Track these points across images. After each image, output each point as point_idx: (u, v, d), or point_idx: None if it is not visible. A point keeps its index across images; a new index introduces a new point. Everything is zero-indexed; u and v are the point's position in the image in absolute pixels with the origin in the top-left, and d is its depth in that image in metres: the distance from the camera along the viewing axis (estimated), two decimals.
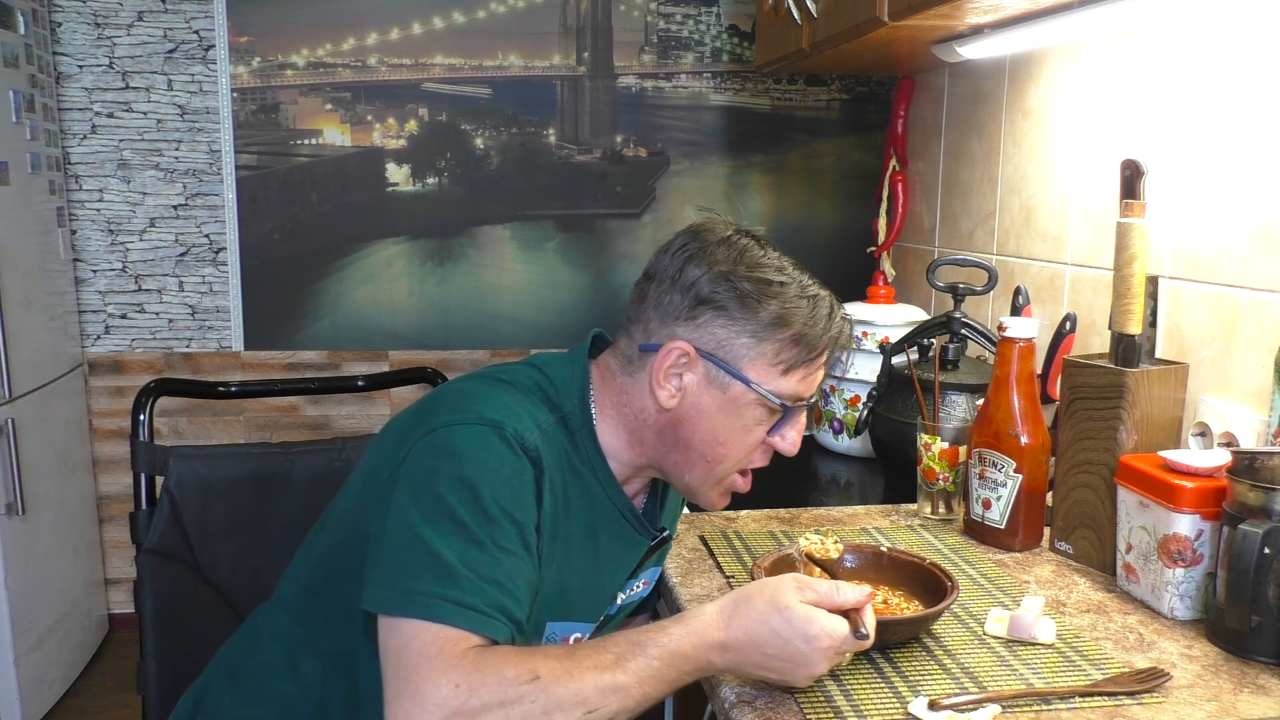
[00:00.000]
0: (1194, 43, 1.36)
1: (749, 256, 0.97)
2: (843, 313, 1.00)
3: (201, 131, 2.73)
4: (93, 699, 2.55)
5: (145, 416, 1.31)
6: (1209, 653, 0.99)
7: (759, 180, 2.91)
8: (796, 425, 1.00)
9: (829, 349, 0.98)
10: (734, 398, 0.96)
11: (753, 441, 0.99)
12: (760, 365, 0.96)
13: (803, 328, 0.96)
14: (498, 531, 0.86)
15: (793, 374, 0.97)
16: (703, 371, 0.96)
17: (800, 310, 0.96)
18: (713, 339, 0.96)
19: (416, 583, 0.82)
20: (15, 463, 2.25)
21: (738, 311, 0.95)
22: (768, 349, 0.96)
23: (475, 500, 0.86)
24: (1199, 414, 1.29)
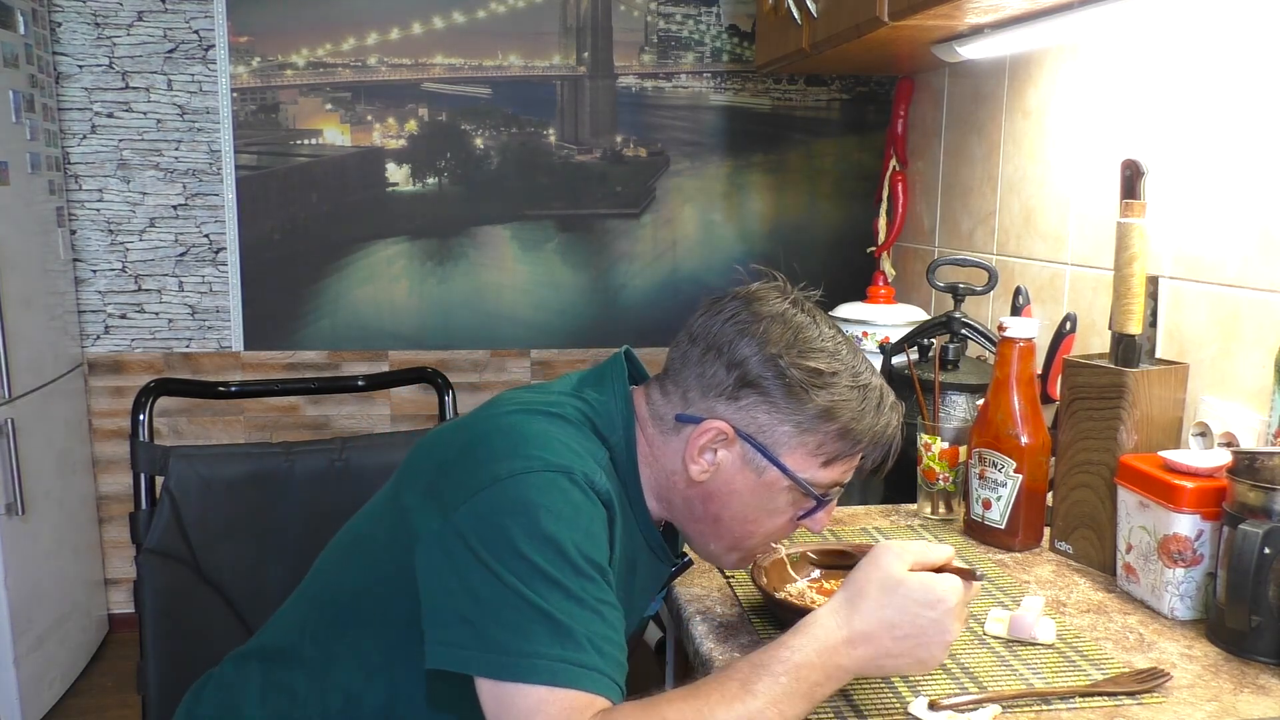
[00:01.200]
0: (1194, 43, 1.36)
1: (802, 338, 0.93)
2: (892, 400, 0.96)
3: (201, 131, 2.73)
4: (93, 699, 2.55)
5: (145, 416, 1.31)
6: (1209, 653, 0.99)
7: (759, 180, 2.92)
8: (828, 511, 0.98)
9: (874, 441, 0.95)
10: (769, 482, 0.93)
11: (782, 522, 0.96)
12: (800, 455, 0.92)
13: (849, 422, 0.92)
14: (591, 586, 0.82)
15: (833, 466, 0.94)
16: (739, 452, 0.93)
17: (849, 404, 0.92)
18: (754, 422, 0.92)
19: (532, 645, 0.78)
20: (15, 463, 2.25)
21: (783, 400, 0.91)
22: (810, 440, 0.92)
23: (563, 556, 0.81)
24: (1199, 414, 1.29)
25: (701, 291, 3.40)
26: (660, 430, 0.96)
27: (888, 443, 0.96)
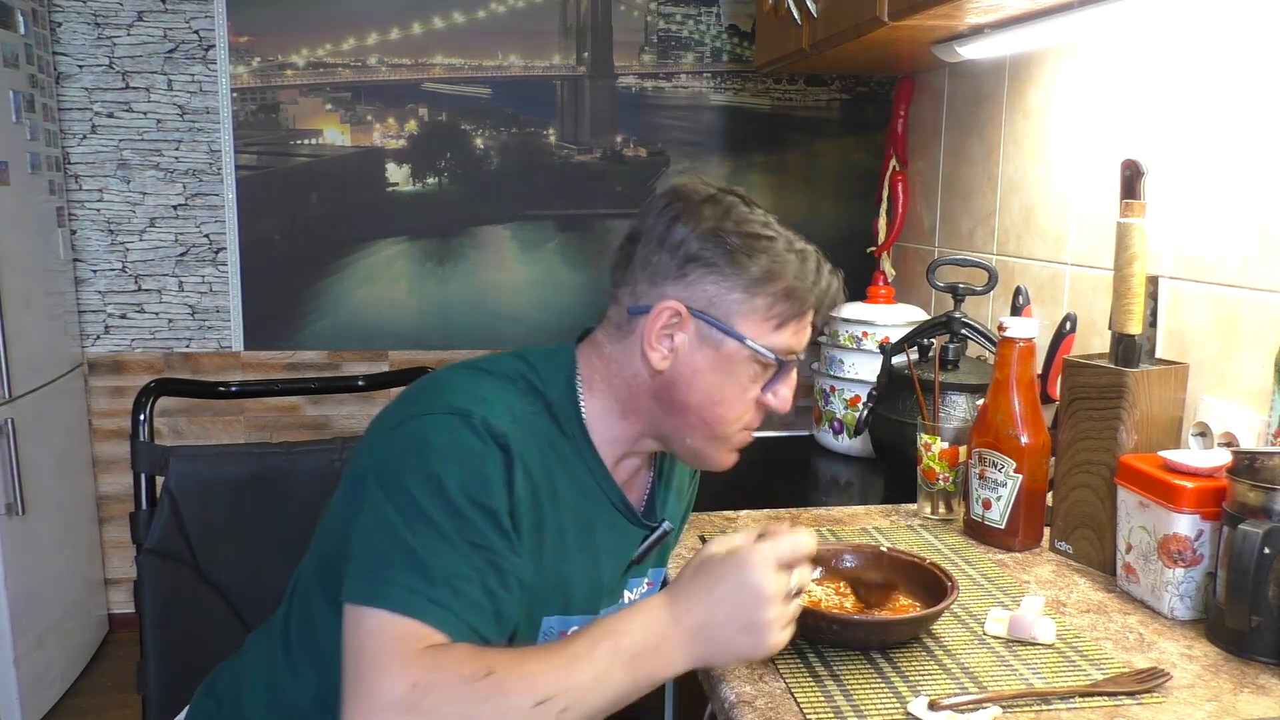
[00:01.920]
0: (1194, 43, 1.36)
1: (736, 213, 0.96)
2: (829, 267, 0.99)
3: (201, 131, 2.73)
4: (93, 699, 2.55)
5: (145, 416, 1.31)
6: (1209, 653, 0.99)
7: (759, 180, 2.91)
8: (789, 382, 0.99)
9: (819, 303, 0.97)
10: (728, 355, 0.95)
11: (749, 399, 0.98)
12: (753, 320, 0.95)
13: (793, 281, 0.95)
14: (466, 527, 0.85)
15: (785, 328, 0.96)
16: (695, 330, 0.95)
17: (790, 264, 0.95)
18: (704, 296, 0.95)
19: (389, 573, 0.82)
20: (15, 463, 2.25)
21: (728, 267, 0.94)
22: (759, 304, 0.94)
23: (443, 496, 0.85)
24: (1199, 414, 1.29)
25: None
26: (618, 339, 0.99)
27: (831, 302, 0.98)
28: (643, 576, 1.09)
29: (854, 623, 0.97)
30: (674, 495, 1.12)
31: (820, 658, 0.96)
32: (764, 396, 0.98)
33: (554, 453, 0.95)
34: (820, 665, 0.95)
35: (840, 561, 1.12)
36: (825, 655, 0.96)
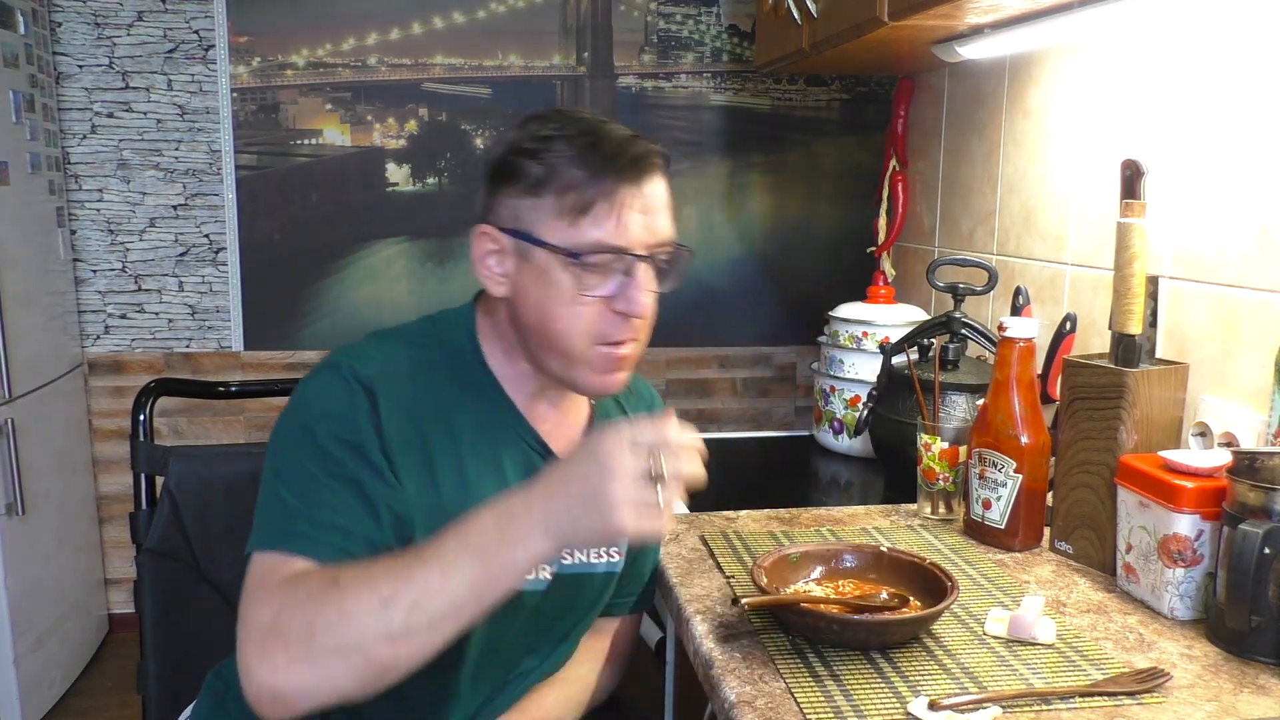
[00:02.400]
0: (1194, 42, 1.36)
1: (534, 121, 0.96)
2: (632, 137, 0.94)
3: (201, 131, 2.73)
4: (93, 699, 2.55)
5: (145, 416, 1.31)
6: (1209, 653, 0.99)
7: (759, 180, 2.91)
8: (628, 281, 0.93)
9: (616, 180, 0.92)
10: (541, 266, 0.94)
11: (586, 312, 0.94)
12: (548, 223, 0.93)
13: (574, 170, 0.92)
14: (332, 464, 0.90)
15: (583, 221, 0.92)
16: (512, 249, 0.96)
17: (566, 155, 0.92)
18: (508, 213, 0.96)
19: (261, 523, 0.89)
20: (15, 463, 2.25)
21: (514, 177, 0.94)
22: (547, 204, 0.93)
23: (312, 442, 0.91)
24: (1199, 414, 1.29)
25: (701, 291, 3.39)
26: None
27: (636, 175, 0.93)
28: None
29: (854, 623, 0.97)
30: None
31: (820, 658, 0.96)
32: (614, 305, 0.95)
33: (452, 392, 0.98)
34: (820, 665, 0.95)
35: (840, 561, 1.12)
36: (825, 655, 0.96)
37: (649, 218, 0.95)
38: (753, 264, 2.94)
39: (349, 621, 0.78)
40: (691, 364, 2.98)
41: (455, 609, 0.80)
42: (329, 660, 0.79)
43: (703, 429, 3.16)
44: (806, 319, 2.89)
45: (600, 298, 0.94)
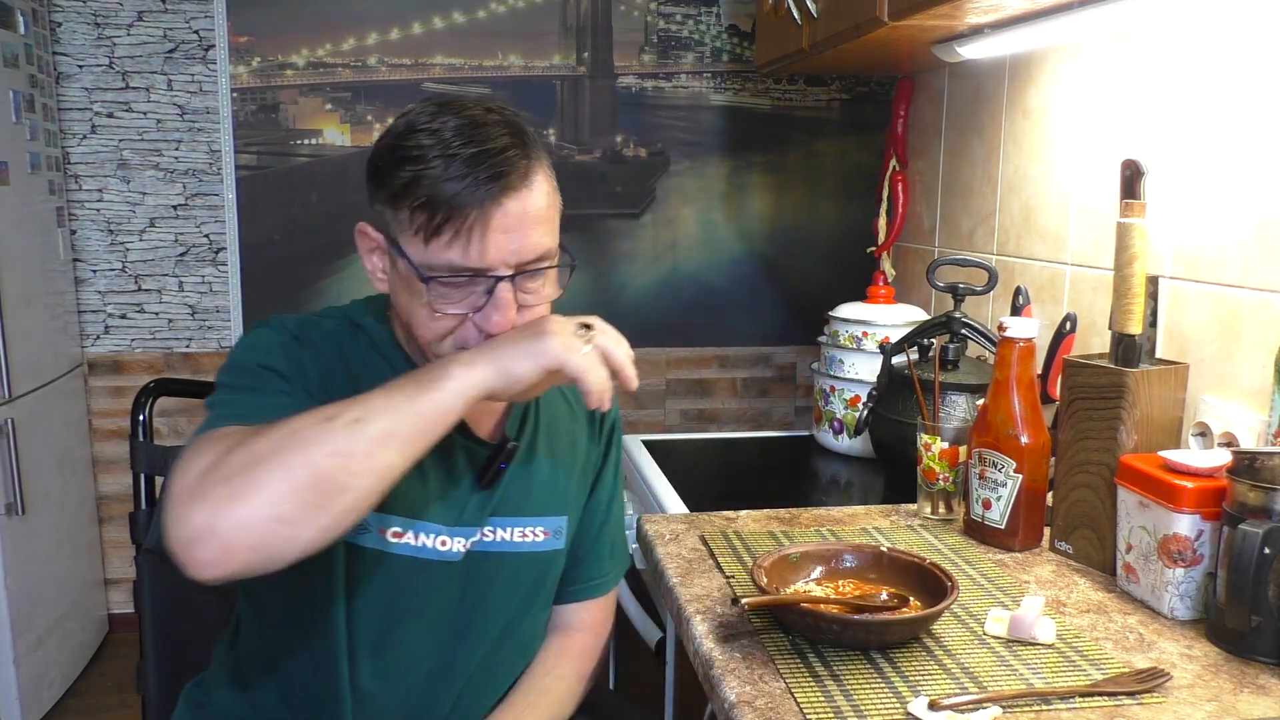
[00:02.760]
0: (1194, 42, 1.36)
1: (413, 122, 0.93)
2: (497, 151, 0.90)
3: (201, 131, 2.73)
4: (93, 699, 2.55)
5: (145, 416, 1.31)
6: (1209, 653, 0.99)
7: (759, 180, 2.92)
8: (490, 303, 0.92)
9: (469, 201, 0.89)
10: (404, 273, 0.94)
11: (445, 323, 0.94)
12: (405, 235, 0.92)
13: (431, 189, 0.89)
14: (251, 377, 0.96)
15: (435, 241, 0.90)
16: (385, 249, 0.98)
17: (430, 171, 0.89)
18: (380, 215, 0.96)
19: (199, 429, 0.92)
20: (15, 463, 2.25)
21: (382, 182, 0.93)
22: (403, 217, 0.91)
23: (235, 367, 0.98)
24: (1199, 414, 1.29)
25: (701, 291, 3.38)
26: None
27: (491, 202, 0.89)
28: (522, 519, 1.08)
29: (854, 623, 0.97)
30: (542, 430, 1.11)
31: (820, 658, 0.96)
32: (474, 317, 0.94)
33: (362, 364, 1.01)
34: (820, 665, 0.95)
35: (840, 561, 1.12)
36: (825, 655, 0.96)
37: (511, 236, 0.91)
38: (753, 264, 2.94)
39: (294, 436, 0.81)
40: (691, 364, 2.98)
41: (398, 428, 0.83)
42: (271, 478, 0.79)
43: (703, 429, 3.15)
44: (806, 319, 2.89)
45: (457, 315, 0.94)
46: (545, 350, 0.88)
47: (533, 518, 1.09)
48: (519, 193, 0.91)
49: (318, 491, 0.80)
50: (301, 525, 0.80)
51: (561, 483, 1.12)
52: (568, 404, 1.15)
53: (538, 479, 1.10)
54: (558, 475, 1.12)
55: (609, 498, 1.20)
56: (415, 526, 1.02)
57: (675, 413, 2.99)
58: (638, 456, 1.83)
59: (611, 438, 1.20)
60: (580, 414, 1.16)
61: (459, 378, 0.86)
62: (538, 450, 1.10)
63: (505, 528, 1.07)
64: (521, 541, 1.09)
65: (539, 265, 0.95)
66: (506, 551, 1.08)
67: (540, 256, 0.95)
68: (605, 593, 1.21)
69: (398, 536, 1.01)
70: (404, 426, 0.84)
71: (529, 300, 0.96)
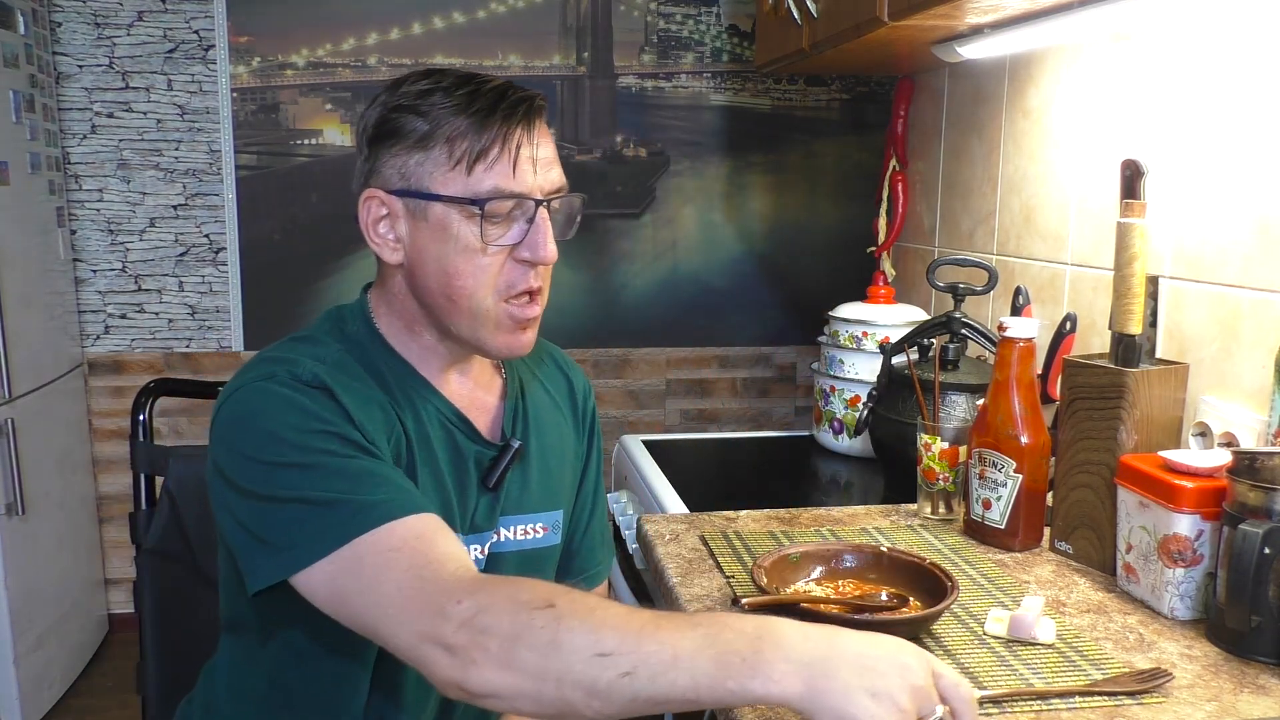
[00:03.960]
0: (1194, 43, 1.36)
1: (404, 86, 0.94)
2: (509, 83, 0.94)
3: (201, 131, 2.74)
4: (93, 699, 2.55)
5: (145, 416, 1.31)
6: (1209, 653, 0.99)
7: (759, 180, 2.92)
8: (531, 228, 0.92)
9: (505, 124, 0.91)
10: (438, 221, 0.92)
11: (490, 263, 0.93)
12: (441, 175, 0.91)
13: (460, 119, 0.91)
14: (323, 456, 0.84)
15: (478, 167, 0.90)
16: (404, 211, 0.94)
17: (449, 104, 0.91)
18: (395, 174, 0.93)
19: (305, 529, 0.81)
20: (15, 463, 2.25)
21: (399, 136, 0.93)
22: (438, 155, 0.91)
23: (282, 444, 0.84)
24: (1199, 414, 1.29)
25: (701, 291, 3.38)
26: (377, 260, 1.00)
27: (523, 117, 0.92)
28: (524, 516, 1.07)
29: (854, 623, 0.97)
30: (533, 426, 1.10)
31: None
32: (517, 254, 0.93)
33: (377, 379, 0.97)
34: None
35: (840, 561, 1.12)
36: None
37: (542, 163, 0.93)
38: (753, 264, 2.94)
39: (560, 654, 0.71)
40: (691, 364, 2.98)
41: (666, 698, 0.70)
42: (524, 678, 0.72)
43: (703, 429, 3.15)
44: (806, 319, 2.89)
45: (504, 246, 0.93)
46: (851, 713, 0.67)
47: (533, 514, 1.09)
48: (542, 122, 0.95)
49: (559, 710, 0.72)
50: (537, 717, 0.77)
51: (555, 477, 1.12)
52: (550, 397, 1.16)
53: (534, 476, 1.10)
54: (551, 470, 1.12)
55: (594, 488, 1.20)
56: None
57: (675, 413, 2.99)
58: (638, 456, 1.82)
59: (593, 427, 1.21)
60: (564, 406, 1.17)
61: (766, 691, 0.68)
62: (530, 447, 1.10)
63: (509, 527, 1.07)
64: (525, 539, 1.08)
65: (561, 193, 0.96)
66: (513, 551, 1.07)
67: (563, 188, 0.97)
68: (601, 582, 1.22)
69: None
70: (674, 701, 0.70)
71: (560, 236, 0.97)
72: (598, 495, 1.21)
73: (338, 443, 0.86)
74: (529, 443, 1.09)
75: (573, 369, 1.21)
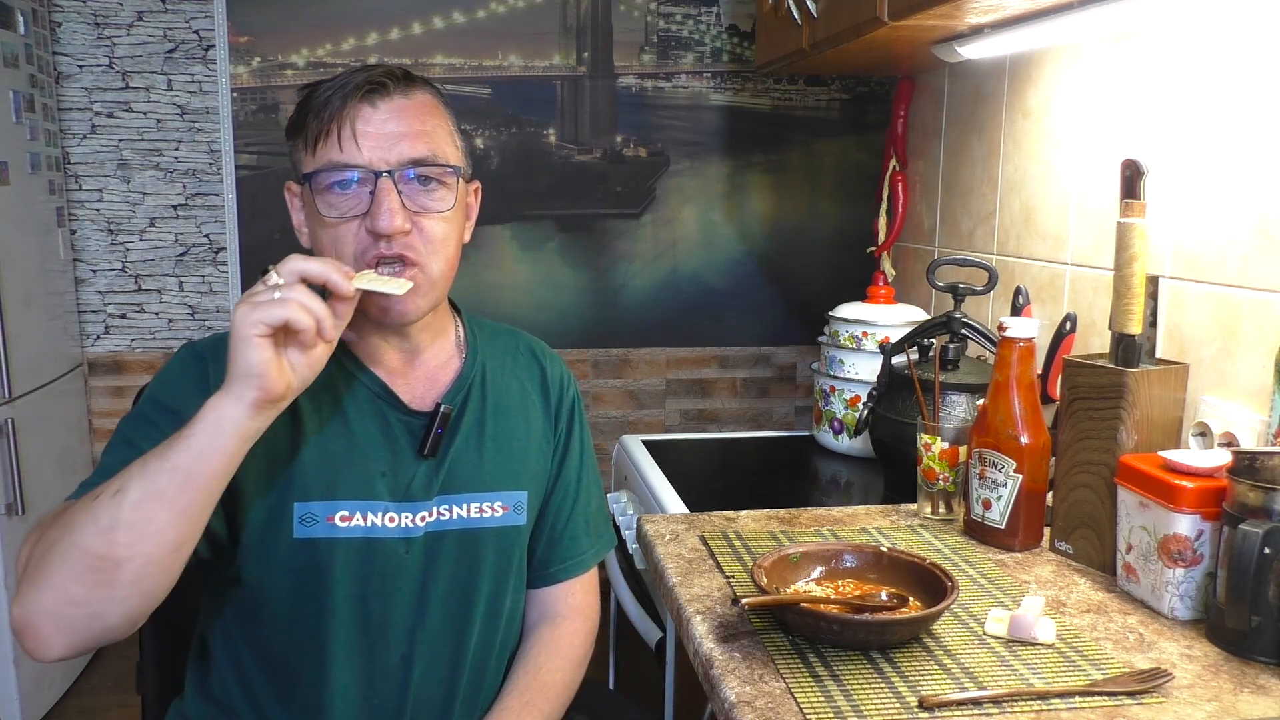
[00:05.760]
0: (1194, 43, 1.36)
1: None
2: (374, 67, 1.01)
3: (201, 131, 2.73)
4: (93, 699, 2.55)
5: None
6: (1209, 653, 0.99)
7: (759, 180, 2.91)
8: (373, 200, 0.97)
9: (342, 104, 0.98)
10: (308, 202, 1.02)
11: (343, 233, 0.99)
12: (302, 160, 1.01)
13: (313, 103, 0.99)
14: (150, 429, 0.96)
15: (318, 147, 0.99)
16: (300, 196, 1.04)
17: (316, 94, 1.00)
18: (296, 170, 1.04)
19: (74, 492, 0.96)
20: (15, 463, 2.25)
21: (291, 128, 1.03)
22: (299, 141, 1.01)
23: (138, 412, 1.01)
24: (1199, 414, 1.29)
25: (701, 291, 3.38)
26: None
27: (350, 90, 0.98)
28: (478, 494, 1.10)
29: (854, 623, 0.97)
30: (490, 407, 1.13)
31: (820, 658, 0.96)
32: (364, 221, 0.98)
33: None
34: (820, 665, 0.95)
35: (840, 561, 1.12)
36: (825, 655, 0.96)
37: (386, 135, 0.98)
38: (753, 264, 2.94)
39: (67, 529, 0.84)
40: (691, 364, 2.98)
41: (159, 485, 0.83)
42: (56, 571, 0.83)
43: (703, 429, 3.15)
44: (806, 319, 2.89)
45: (349, 218, 0.99)
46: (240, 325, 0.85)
47: (488, 492, 1.11)
48: (392, 98, 1.00)
49: (97, 571, 0.83)
50: (97, 604, 0.84)
51: (516, 457, 1.14)
52: (519, 382, 1.18)
53: (489, 454, 1.12)
54: (511, 450, 1.14)
55: (577, 476, 1.21)
56: (362, 507, 1.04)
57: (675, 413, 2.99)
58: (638, 456, 1.83)
59: (573, 415, 1.22)
60: (533, 391, 1.19)
61: (208, 412, 0.85)
62: (487, 427, 1.12)
63: (461, 504, 1.09)
64: (479, 517, 1.10)
65: (421, 166, 1.00)
66: (466, 528, 1.09)
67: (423, 160, 1.00)
68: (583, 571, 1.22)
69: (346, 520, 1.03)
70: (163, 483, 0.84)
71: (423, 205, 1.01)
72: (581, 484, 1.22)
73: (162, 417, 0.97)
74: (485, 423, 1.12)
75: (550, 359, 1.23)
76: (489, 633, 1.13)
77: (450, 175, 1.03)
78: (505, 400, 1.15)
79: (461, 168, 1.06)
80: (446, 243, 1.04)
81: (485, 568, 1.11)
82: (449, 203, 1.03)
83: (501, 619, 1.14)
